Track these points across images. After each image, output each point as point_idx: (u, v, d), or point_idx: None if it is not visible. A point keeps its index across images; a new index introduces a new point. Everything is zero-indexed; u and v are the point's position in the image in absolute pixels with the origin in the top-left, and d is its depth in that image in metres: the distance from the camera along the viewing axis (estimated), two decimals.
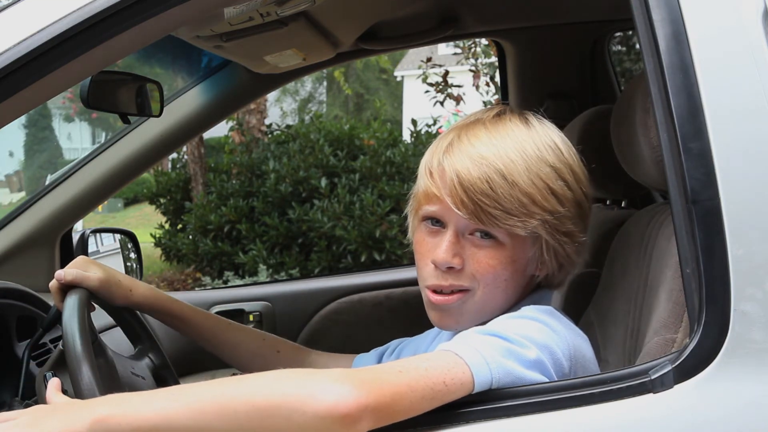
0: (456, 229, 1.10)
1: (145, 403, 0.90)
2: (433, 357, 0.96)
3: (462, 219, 1.08)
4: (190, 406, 0.88)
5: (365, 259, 6.31)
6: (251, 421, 0.86)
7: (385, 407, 0.87)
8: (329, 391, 0.85)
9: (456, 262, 1.09)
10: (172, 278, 7.66)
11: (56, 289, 1.25)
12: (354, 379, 0.87)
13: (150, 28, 1.07)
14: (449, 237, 1.10)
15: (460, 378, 0.92)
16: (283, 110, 19.38)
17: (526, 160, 1.07)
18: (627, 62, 6.72)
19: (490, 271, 1.09)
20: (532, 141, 1.09)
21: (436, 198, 1.10)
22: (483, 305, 1.11)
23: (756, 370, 0.92)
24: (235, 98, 2.17)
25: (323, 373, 0.89)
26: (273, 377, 0.90)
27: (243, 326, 1.47)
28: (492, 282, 1.10)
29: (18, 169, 21.48)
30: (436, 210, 1.11)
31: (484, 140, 1.09)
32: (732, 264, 0.92)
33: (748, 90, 0.95)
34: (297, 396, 0.85)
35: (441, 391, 0.91)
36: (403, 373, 0.91)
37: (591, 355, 1.10)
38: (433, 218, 1.13)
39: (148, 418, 0.87)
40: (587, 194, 1.13)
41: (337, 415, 0.84)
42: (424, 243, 1.14)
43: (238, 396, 0.88)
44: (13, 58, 1.01)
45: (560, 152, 1.11)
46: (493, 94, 6.23)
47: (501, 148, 1.08)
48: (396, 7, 2.05)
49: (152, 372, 1.33)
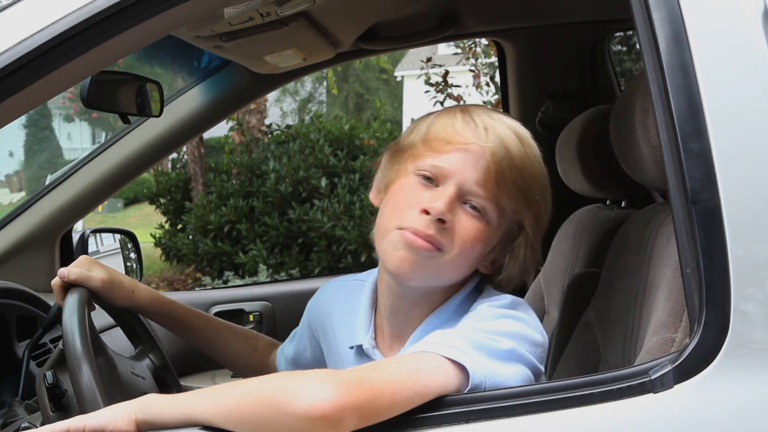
0: (458, 189, 1.09)
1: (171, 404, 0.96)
2: (410, 356, 0.98)
3: (472, 184, 1.08)
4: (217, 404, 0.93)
5: (365, 259, 6.30)
6: (243, 416, 0.90)
7: (365, 405, 0.88)
8: (307, 393, 0.87)
9: (448, 218, 1.09)
10: (172, 278, 7.66)
11: (58, 287, 1.25)
12: (333, 379, 0.89)
13: (150, 28, 1.07)
14: (450, 191, 1.08)
15: (439, 373, 0.94)
16: (283, 110, 19.37)
17: (540, 160, 1.14)
18: (627, 62, 6.72)
19: (469, 241, 1.09)
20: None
21: (458, 149, 1.09)
22: (443, 270, 1.11)
23: (756, 370, 0.91)
24: (235, 98, 2.18)
25: (308, 374, 0.92)
26: (266, 378, 0.93)
27: (241, 332, 1.46)
28: (466, 252, 1.10)
29: (18, 169, 21.49)
30: (444, 166, 1.09)
31: (514, 127, 1.13)
32: (732, 264, 0.92)
33: (748, 90, 0.95)
34: (279, 396, 0.89)
35: (421, 387, 0.92)
36: (378, 371, 0.93)
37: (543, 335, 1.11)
38: (430, 176, 1.11)
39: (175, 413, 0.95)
40: (549, 203, 1.18)
41: (314, 415, 0.86)
42: (412, 192, 1.11)
43: (235, 395, 0.93)
44: (13, 58, 1.01)
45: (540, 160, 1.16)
46: (493, 94, 6.22)
47: (529, 138, 1.14)
48: (396, 7, 2.05)
49: (152, 372, 1.33)
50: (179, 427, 0.94)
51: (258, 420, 0.90)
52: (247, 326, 2.15)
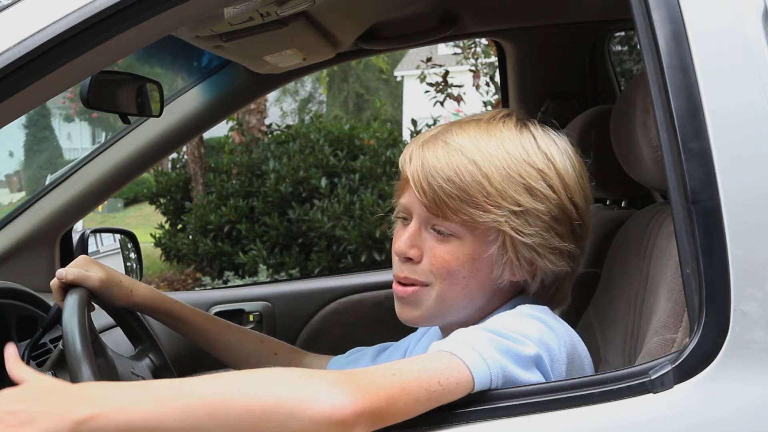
0: (419, 221, 1.11)
1: (132, 402, 0.85)
2: (428, 358, 0.95)
3: (423, 211, 1.09)
4: (181, 409, 0.84)
5: (365, 259, 6.31)
6: (243, 423, 0.83)
7: (379, 412, 0.86)
8: (325, 397, 0.83)
9: (413, 254, 1.10)
10: (172, 278, 7.67)
11: (57, 288, 1.25)
12: (350, 384, 0.86)
13: (150, 28, 1.07)
14: (411, 228, 1.11)
15: (455, 377, 0.91)
16: (283, 110, 19.38)
17: (507, 158, 1.07)
18: (627, 62, 6.72)
19: (445, 265, 1.08)
20: (520, 143, 1.09)
21: (407, 185, 1.12)
22: (441, 301, 1.10)
23: (756, 370, 0.91)
24: (235, 98, 2.17)
25: (319, 376, 0.87)
26: (268, 378, 0.87)
27: (242, 329, 1.47)
28: (448, 278, 1.09)
29: (18, 169, 21.49)
30: (405, 203, 1.13)
31: (471, 134, 1.10)
32: (732, 264, 0.92)
33: (748, 90, 0.95)
34: (292, 401, 0.83)
35: (437, 391, 0.90)
36: (397, 376, 0.89)
37: (586, 355, 1.09)
38: (405, 214, 1.14)
39: (135, 418, 0.83)
40: (576, 204, 1.10)
41: (333, 421, 0.83)
42: (395, 235, 1.15)
43: (231, 398, 0.84)
44: (13, 58, 1.00)
45: (552, 160, 1.09)
46: (493, 94, 6.22)
47: (485, 143, 1.08)
48: (396, 7, 2.05)
49: (152, 372, 1.33)
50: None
51: (261, 425, 0.83)
52: (246, 326, 2.15)
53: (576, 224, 1.11)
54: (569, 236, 1.10)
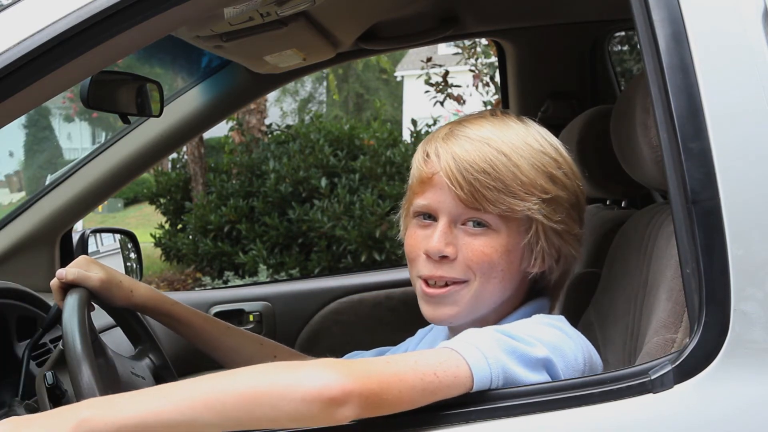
0: (449, 219, 1.10)
1: (131, 402, 0.88)
2: (427, 352, 0.96)
3: (455, 207, 1.09)
4: (177, 402, 0.87)
5: (365, 259, 6.31)
6: (239, 412, 0.86)
7: (372, 395, 0.87)
8: (316, 377, 0.86)
9: (449, 251, 1.09)
10: (172, 278, 7.67)
11: (57, 288, 1.25)
12: (342, 366, 0.88)
13: (150, 28, 1.07)
14: (441, 226, 1.10)
15: (453, 371, 0.92)
16: (283, 110, 19.38)
17: (529, 148, 1.10)
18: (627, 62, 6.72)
19: (485, 259, 1.09)
20: (533, 137, 1.12)
21: (429, 184, 1.11)
22: (478, 297, 1.11)
23: (756, 370, 0.91)
24: (235, 98, 2.17)
25: (312, 362, 0.90)
26: (260, 369, 0.90)
27: (241, 331, 1.47)
28: (488, 272, 1.09)
29: (18, 169, 21.49)
30: (428, 203, 1.12)
31: (488, 128, 1.11)
32: (732, 264, 0.92)
33: (748, 90, 0.95)
34: (284, 383, 0.86)
35: (432, 382, 0.90)
36: (391, 364, 0.91)
37: (600, 365, 1.10)
38: (425, 213, 1.13)
39: (133, 415, 0.86)
40: (583, 190, 1.16)
41: (324, 398, 0.84)
42: (415, 236, 1.14)
43: (225, 388, 0.87)
44: (13, 58, 1.01)
45: (559, 150, 1.14)
46: (493, 94, 6.22)
47: (505, 135, 1.10)
48: (396, 7, 2.05)
49: (152, 372, 1.33)
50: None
51: (255, 410, 0.86)
52: (247, 326, 2.15)
53: (583, 211, 1.16)
54: (582, 222, 1.16)
